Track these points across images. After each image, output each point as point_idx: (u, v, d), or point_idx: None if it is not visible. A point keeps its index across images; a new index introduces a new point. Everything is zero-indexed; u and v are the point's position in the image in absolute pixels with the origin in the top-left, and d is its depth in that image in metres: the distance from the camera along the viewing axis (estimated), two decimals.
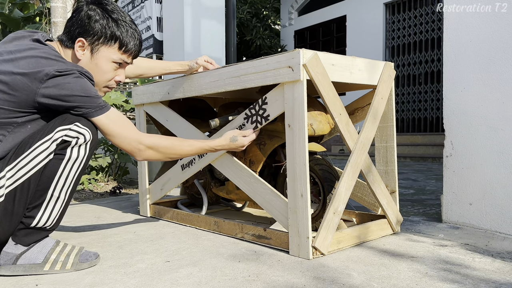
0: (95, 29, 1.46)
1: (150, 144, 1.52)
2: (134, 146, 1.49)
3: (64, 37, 1.49)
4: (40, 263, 1.44)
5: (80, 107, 1.39)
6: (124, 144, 1.48)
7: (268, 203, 1.73)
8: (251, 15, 10.46)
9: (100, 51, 1.49)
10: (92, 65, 1.50)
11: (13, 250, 1.43)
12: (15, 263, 1.42)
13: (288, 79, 1.56)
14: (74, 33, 1.46)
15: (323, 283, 1.31)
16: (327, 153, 8.28)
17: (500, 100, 1.86)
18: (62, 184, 1.43)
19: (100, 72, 1.52)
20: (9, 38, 1.47)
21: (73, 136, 1.39)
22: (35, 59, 1.34)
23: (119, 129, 1.46)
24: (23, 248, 1.44)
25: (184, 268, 1.48)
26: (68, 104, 1.36)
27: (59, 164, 1.41)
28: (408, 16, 8.36)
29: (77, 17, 1.46)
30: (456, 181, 2.02)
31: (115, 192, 3.48)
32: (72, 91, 1.35)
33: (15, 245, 1.44)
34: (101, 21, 1.47)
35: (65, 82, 1.34)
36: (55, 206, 1.44)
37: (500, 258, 1.54)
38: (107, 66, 1.52)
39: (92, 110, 1.41)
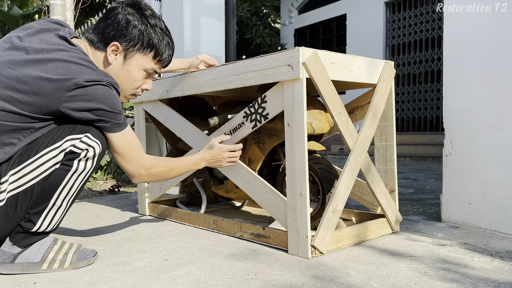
0: (132, 34, 1.40)
1: (150, 172, 1.50)
2: (136, 170, 1.47)
3: (96, 38, 1.41)
4: (38, 261, 1.42)
5: (101, 121, 1.34)
6: (127, 165, 1.45)
7: (267, 202, 1.72)
8: (251, 13, 10.44)
9: (134, 58, 1.43)
10: (123, 71, 1.44)
11: (11, 250, 1.42)
12: (13, 261, 1.41)
13: (287, 78, 1.56)
14: (109, 35, 1.39)
15: (322, 282, 1.31)
16: (327, 152, 8.28)
17: (500, 99, 1.86)
18: (66, 194, 1.41)
19: (130, 80, 1.46)
20: (33, 29, 1.37)
21: (82, 148, 1.35)
22: (64, 63, 1.27)
23: (128, 150, 1.43)
24: (19, 249, 1.43)
25: (182, 266, 1.48)
26: (91, 116, 1.32)
27: (65, 175, 1.37)
28: (409, 15, 8.35)
29: (113, 19, 1.39)
30: (456, 180, 2.02)
31: (113, 190, 3.48)
32: (98, 104, 1.30)
33: (12, 245, 1.42)
34: (140, 26, 1.41)
35: (93, 93, 1.28)
36: (56, 213, 1.43)
37: (499, 258, 1.54)
38: (139, 74, 1.46)
39: (111, 126, 1.36)
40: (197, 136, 2.05)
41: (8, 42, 1.35)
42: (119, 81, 1.44)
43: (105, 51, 1.41)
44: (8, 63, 1.28)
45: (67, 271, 1.46)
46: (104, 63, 1.43)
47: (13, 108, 1.26)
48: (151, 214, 2.42)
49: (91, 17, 10.33)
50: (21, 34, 1.36)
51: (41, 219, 1.41)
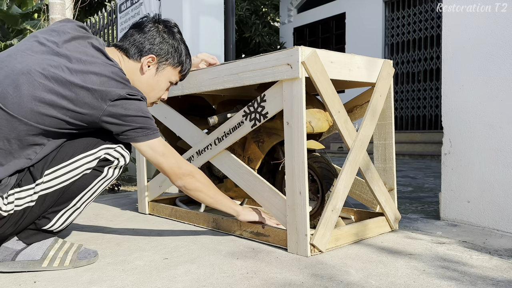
0: (168, 50, 1.54)
1: (192, 173, 1.55)
2: (177, 164, 1.52)
3: (131, 49, 1.51)
4: (38, 259, 1.44)
5: (143, 128, 1.40)
6: (171, 161, 1.50)
7: (266, 201, 1.73)
8: (250, 12, 10.43)
9: (165, 70, 1.56)
10: (153, 81, 1.55)
11: (14, 246, 1.44)
12: (14, 259, 1.43)
13: (286, 77, 1.56)
14: (145, 48, 1.51)
15: (321, 280, 1.31)
16: (326, 151, 8.28)
17: (499, 98, 1.86)
18: (87, 197, 1.48)
19: (157, 89, 1.58)
20: (68, 35, 1.41)
21: (115, 156, 1.45)
22: (106, 78, 1.34)
23: (169, 148, 1.51)
24: (23, 245, 1.45)
25: (182, 265, 1.49)
26: (127, 124, 1.37)
27: (93, 180, 1.45)
28: (408, 13, 8.35)
29: (148, 34, 1.51)
30: (454, 178, 2.02)
31: (113, 189, 3.48)
32: (137, 112, 1.38)
33: (17, 241, 1.45)
34: (173, 43, 1.56)
35: (133, 104, 1.36)
36: (72, 214, 1.49)
37: (497, 256, 1.55)
38: (165, 84, 1.59)
39: (152, 132, 1.44)
40: (197, 135, 2.06)
41: (41, 44, 1.38)
42: (147, 90, 1.56)
43: (140, 62, 1.52)
44: (52, 68, 1.31)
45: (67, 270, 1.46)
46: (136, 72, 1.53)
47: (55, 113, 1.31)
48: (151, 213, 2.43)
49: (91, 16, 10.32)
50: (56, 39, 1.39)
51: (57, 218, 1.45)
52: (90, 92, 1.31)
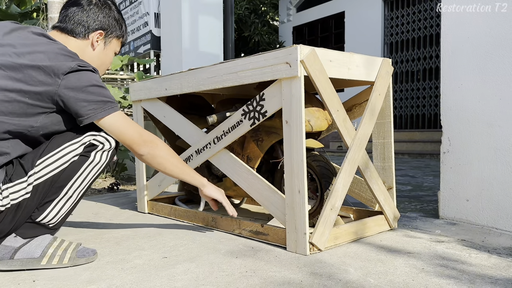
0: (111, 23, 1.58)
1: (154, 143, 1.53)
2: (139, 135, 1.50)
3: (77, 28, 1.52)
4: (37, 257, 1.44)
5: (96, 102, 1.39)
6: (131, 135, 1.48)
7: (265, 199, 1.73)
8: (249, 11, 10.42)
9: (112, 43, 1.61)
10: (103, 55, 1.60)
11: (12, 243, 1.45)
12: (12, 257, 1.43)
13: (285, 75, 1.56)
14: (90, 25, 1.53)
15: (320, 279, 1.32)
16: (325, 150, 8.28)
17: (498, 97, 1.86)
18: (78, 185, 1.49)
19: (107, 62, 1.64)
20: (6, 29, 1.44)
21: (100, 141, 1.48)
22: (54, 54, 1.37)
23: (131, 123, 1.49)
24: (22, 241, 1.45)
25: (181, 264, 1.49)
26: (84, 98, 1.37)
27: (82, 165, 1.47)
28: (407, 12, 8.35)
29: (91, 12, 1.53)
30: (453, 177, 2.03)
31: (112, 188, 3.48)
32: (91, 82, 1.39)
33: (15, 237, 1.46)
34: (116, 16, 1.60)
35: (85, 75, 1.38)
36: (65, 204, 1.49)
37: (496, 254, 1.55)
38: (112, 56, 1.65)
39: (108, 108, 1.42)
40: (196, 134, 2.06)
41: None
42: (97, 64, 1.60)
43: (88, 39, 1.54)
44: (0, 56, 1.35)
45: (66, 268, 1.46)
46: (86, 49, 1.55)
47: (14, 95, 1.33)
48: (150, 212, 2.43)
49: None
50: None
51: (50, 208, 1.47)
52: (41, 69, 1.33)
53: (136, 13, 5.59)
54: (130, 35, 5.78)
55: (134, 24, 5.67)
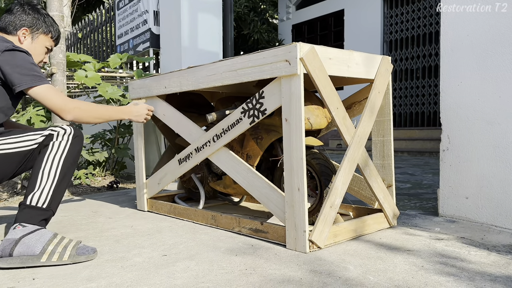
0: (35, 22, 1.87)
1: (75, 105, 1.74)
2: (63, 102, 1.71)
3: (8, 27, 1.84)
4: (37, 254, 1.47)
5: (27, 75, 1.65)
6: (55, 102, 1.69)
7: (265, 197, 1.73)
8: (248, 9, 10.40)
9: (39, 38, 1.88)
10: (32, 48, 1.86)
11: (13, 236, 1.50)
12: (12, 250, 1.46)
13: (285, 73, 1.56)
14: (17, 24, 1.84)
15: (319, 276, 1.32)
16: (325, 148, 8.28)
17: (497, 94, 1.86)
18: (49, 167, 1.64)
19: (37, 54, 1.88)
20: None
21: (56, 130, 1.69)
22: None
23: (57, 93, 1.71)
24: (22, 232, 1.51)
25: (181, 261, 1.49)
26: (18, 71, 1.64)
27: (46, 151, 1.66)
28: (406, 10, 8.35)
29: (19, 14, 1.86)
30: (453, 175, 2.03)
31: (112, 186, 3.48)
32: (24, 60, 1.67)
33: (14, 229, 1.52)
34: (40, 17, 1.89)
35: (19, 53, 1.67)
36: (45, 185, 1.61)
37: (495, 251, 1.55)
38: (42, 49, 1.90)
39: (36, 80, 1.66)
40: (195, 132, 2.06)
41: None
42: None
43: (17, 35, 1.83)
44: None
45: (65, 266, 1.46)
46: (15, 43, 1.81)
47: None
48: (149, 210, 2.43)
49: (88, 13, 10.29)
50: None
51: (34, 190, 1.60)
52: None
53: (135, 11, 5.58)
54: (129, 33, 5.77)
55: (133, 22, 5.67)
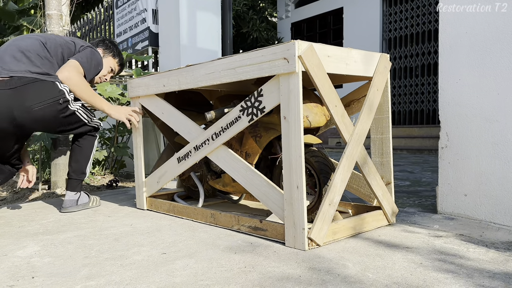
0: (109, 47, 2.59)
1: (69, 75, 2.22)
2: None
3: (96, 45, 2.59)
4: (87, 202, 2.50)
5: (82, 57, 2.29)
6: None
7: (264, 195, 1.73)
8: (247, 7, 10.39)
9: (108, 59, 2.57)
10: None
11: (72, 197, 2.45)
12: (77, 203, 2.45)
13: (283, 71, 1.56)
14: (98, 45, 2.58)
15: (318, 274, 1.32)
16: (324, 146, 8.29)
17: (496, 91, 1.86)
18: (92, 154, 2.50)
19: (103, 68, 2.52)
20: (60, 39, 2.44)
21: (98, 125, 2.47)
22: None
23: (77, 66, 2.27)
24: (76, 196, 2.46)
25: (180, 259, 1.49)
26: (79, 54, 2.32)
27: (94, 140, 2.47)
28: (405, 8, 8.34)
29: (102, 42, 2.61)
30: (451, 172, 2.03)
31: (111, 185, 3.48)
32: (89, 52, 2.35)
33: (75, 194, 2.45)
34: (115, 48, 2.62)
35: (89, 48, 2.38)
36: (88, 165, 2.50)
37: (494, 248, 1.56)
38: (107, 68, 2.58)
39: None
40: (194, 130, 2.06)
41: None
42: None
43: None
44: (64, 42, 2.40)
45: (65, 265, 1.47)
46: None
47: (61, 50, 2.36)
48: (149, 209, 2.43)
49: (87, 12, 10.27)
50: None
51: (87, 169, 2.49)
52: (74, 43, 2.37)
53: (134, 10, 5.57)
54: (128, 31, 5.77)
55: (132, 20, 5.66)
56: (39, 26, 8.14)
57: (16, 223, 2.18)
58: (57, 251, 1.65)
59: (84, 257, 1.55)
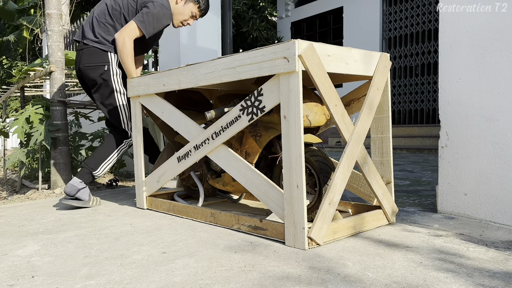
0: None
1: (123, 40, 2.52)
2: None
3: None
4: (87, 200, 2.50)
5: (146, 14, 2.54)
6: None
7: (264, 195, 1.73)
8: (247, 6, 10.39)
9: (189, 5, 2.67)
10: (180, 8, 2.65)
11: (76, 184, 2.47)
12: (75, 194, 2.45)
13: (283, 70, 1.56)
14: None
15: (318, 273, 1.32)
16: (324, 145, 8.29)
17: (495, 91, 1.86)
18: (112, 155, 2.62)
19: (183, 14, 2.68)
20: None
21: (130, 138, 2.69)
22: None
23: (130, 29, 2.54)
24: (81, 185, 2.48)
25: (180, 259, 1.49)
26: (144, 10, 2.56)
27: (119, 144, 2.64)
28: (405, 7, 8.34)
29: None
30: (451, 171, 2.03)
31: (111, 184, 3.48)
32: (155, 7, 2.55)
33: (80, 182, 2.49)
34: None
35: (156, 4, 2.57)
36: (106, 164, 2.61)
37: (494, 248, 1.56)
38: (188, 13, 2.68)
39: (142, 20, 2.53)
40: (194, 130, 2.05)
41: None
42: (176, 13, 2.66)
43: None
44: None
45: (65, 264, 1.47)
46: (172, 4, 2.64)
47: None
48: (149, 208, 2.43)
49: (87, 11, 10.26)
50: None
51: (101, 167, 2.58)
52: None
53: None
54: None
55: None
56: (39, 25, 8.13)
57: (16, 222, 2.18)
58: (57, 250, 1.65)
59: (84, 257, 1.55)
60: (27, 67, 3.82)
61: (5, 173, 5.40)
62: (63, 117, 3.31)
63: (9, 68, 14.70)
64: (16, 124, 3.29)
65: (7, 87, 6.67)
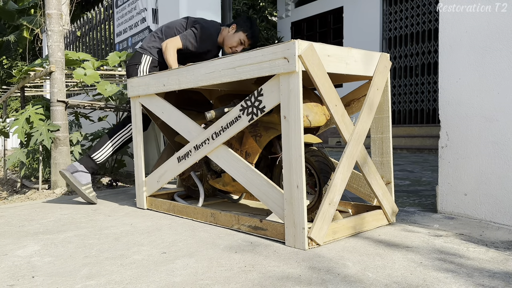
0: (243, 24, 2.87)
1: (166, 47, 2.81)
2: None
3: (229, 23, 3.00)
4: (81, 183, 2.58)
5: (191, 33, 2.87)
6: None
7: (264, 195, 1.73)
8: (247, 6, 10.39)
9: (239, 33, 2.85)
10: (230, 36, 2.86)
11: (76, 166, 2.62)
12: (73, 173, 2.57)
13: (283, 70, 1.56)
14: (233, 23, 2.92)
15: (318, 273, 1.32)
16: (324, 145, 8.28)
17: (495, 91, 1.86)
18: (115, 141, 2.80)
19: (233, 41, 2.86)
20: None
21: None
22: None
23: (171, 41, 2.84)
24: (81, 167, 2.62)
25: (180, 259, 1.49)
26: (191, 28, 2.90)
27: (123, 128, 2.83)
28: (405, 7, 8.34)
29: (238, 19, 2.91)
30: (451, 171, 2.03)
31: (111, 184, 3.48)
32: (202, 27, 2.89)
33: (79, 165, 2.62)
34: (249, 23, 2.88)
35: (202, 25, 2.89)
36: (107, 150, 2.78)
37: (494, 248, 1.56)
38: (237, 41, 2.86)
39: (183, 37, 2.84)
40: (194, 130, 2.06)
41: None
42: (227, 39, 2.87)
43: (228, 28, 2.89)
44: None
45: (65, 264, 1.47)
46: (225, 32, 2.90)
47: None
48: (149, 208, 2.43)
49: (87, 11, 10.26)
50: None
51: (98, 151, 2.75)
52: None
53: (133, 9, 5.57)
54: (128, 31, 5.77)
55: (131, 20, 5.65)
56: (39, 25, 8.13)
57: (16, 222, 2.18)
58: (57, 250, 1.65)
59: (84, 257, 1.55)
60: (27, 67, 3.82)
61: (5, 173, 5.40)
62: (63, 117, 3.31)
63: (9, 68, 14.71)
64: (16, 124, 3.29)
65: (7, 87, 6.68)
